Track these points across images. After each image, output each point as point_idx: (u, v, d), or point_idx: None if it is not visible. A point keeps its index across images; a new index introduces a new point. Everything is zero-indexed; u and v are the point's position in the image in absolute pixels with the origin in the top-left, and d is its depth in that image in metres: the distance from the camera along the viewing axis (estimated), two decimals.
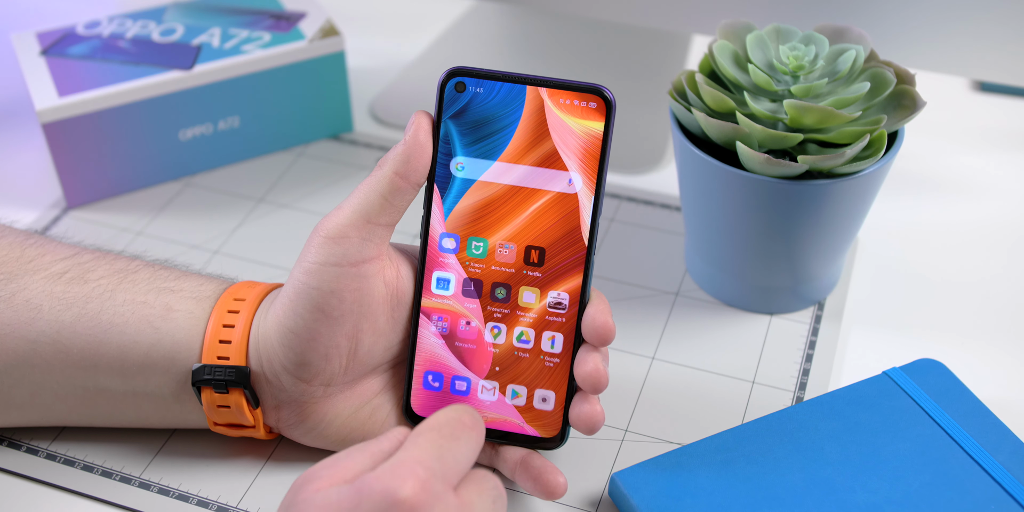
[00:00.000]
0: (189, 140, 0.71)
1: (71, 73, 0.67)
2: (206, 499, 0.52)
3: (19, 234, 0.54)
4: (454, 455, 0.42)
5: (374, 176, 0.49)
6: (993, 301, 0.64)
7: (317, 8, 0.73)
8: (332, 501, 0.40)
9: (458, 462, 0.42)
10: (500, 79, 0.49)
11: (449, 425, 0.43)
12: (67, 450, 0.54)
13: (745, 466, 0.51)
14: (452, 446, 0.43)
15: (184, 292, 0.52)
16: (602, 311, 0.49)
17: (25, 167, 0.74)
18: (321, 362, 0.49)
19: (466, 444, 0.43)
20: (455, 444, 0.43)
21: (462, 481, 0.43)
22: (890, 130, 0.56)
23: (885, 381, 0.55)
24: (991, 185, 0.72)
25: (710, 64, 0.58)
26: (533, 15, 0.87)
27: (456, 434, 0.43)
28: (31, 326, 0.50)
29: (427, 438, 0.42)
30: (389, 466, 0.41)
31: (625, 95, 0.78)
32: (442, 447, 0.42)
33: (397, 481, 0.40)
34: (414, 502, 0.39)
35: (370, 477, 0.40)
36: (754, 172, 0.54)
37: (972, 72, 0.67)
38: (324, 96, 0.73)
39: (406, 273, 0.51)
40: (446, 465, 0.42)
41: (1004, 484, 0.50)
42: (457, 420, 0.44)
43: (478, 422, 0.45)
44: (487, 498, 0.43)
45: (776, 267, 0.59)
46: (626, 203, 0.70)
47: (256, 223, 0.69)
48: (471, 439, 0.44)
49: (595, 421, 0.49)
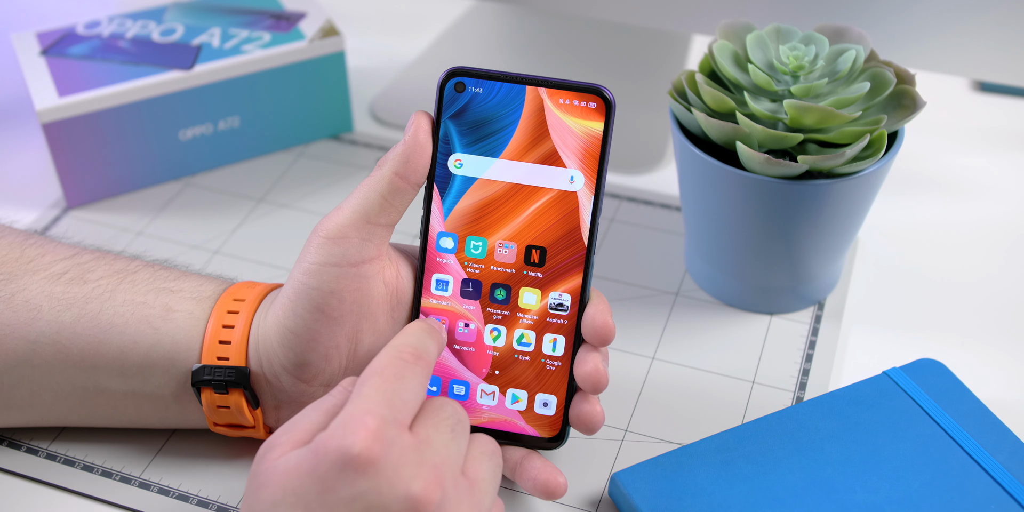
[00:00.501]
0: (189, 140, 0.71)
1: (71, 73, 0.67)
2: (206, 499, 0.52)
3: (19, 234, 0.54)
4: (400, 396, 0.42)
5: (374, 176, 0.49)
6: (993, 301, 0.64)
7: (317, 8, 0.73)
8: (292, 466, 0.41)
9: (406, 401, 0.43)
10: (500, 79, 0.49)
11: (392, 365, 0.43)
12: (67, 450, 0.54)
13: (745, 466, 0.51)
14: (397, 387, 0.43)
15: (184, 292, 0.52)
16: (602, 311, 0.49)
17: (25, 167, 0.74)
18: (321, 362, 0.49)
19: (412, 380, 0.43)
20: (400, 384, 0.43)
21: (416, 418, 0.43)
22: (890, 130, 0.56)
23: (885, 381, 0.55)
24: (991, 185, 0.72)
25: (710, 64, 0.58)
26: (533, 15, 0.87)
27: (400, 373, 0.43)
28: (31, 326, 0.50)
29: (371, 385, 0.42)
30: (339, 422, 0.41)
31: (625, 95, 0.78)
32: (387, 390, 0.42)
33: (349, 437, 0.40)
34: (368, 454, 0.40)
35: (323, 436, 0.41)
36: (754, 172, 0.54)
37: (972, 72, 0.67)
38: (324, 96, 0.73)
39: (406, 273, 0.51)
40: (395, 408, 0.42)
41: (1004, 484, 0.50)
42: (398, 359, 0.44)
43: (420, 354, 0.44)
44: (444, 428, 0.43)
45: (776, 267, 0.59)
46: (626, 203, 0.70)
47: (256, 223, 0.69)
48: (417, 373, 0.44)
49: (595, 421, 0.49)
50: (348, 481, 0.40)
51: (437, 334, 0.48)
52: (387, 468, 0.40)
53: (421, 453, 0.42)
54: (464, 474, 0.44)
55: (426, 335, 0.47)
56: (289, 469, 0.41)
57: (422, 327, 0.47)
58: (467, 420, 0.45)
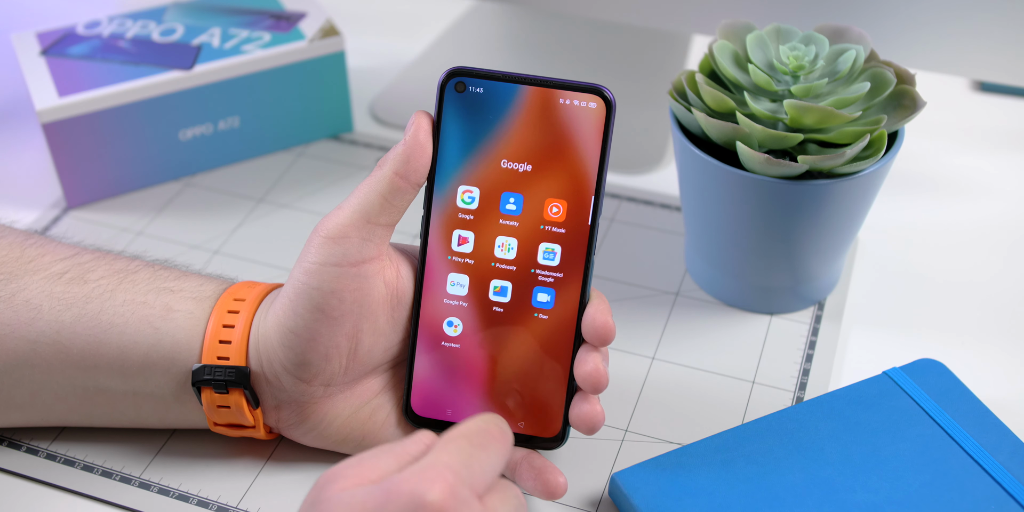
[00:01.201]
0: (189, 140, 0.71)
1: (71, 73, 0.67)
2: (206, 499, 0.52)
3: (19, 234, 0.54)
4: (482, 464, 0.42)
5: (374, 176, 0.49)
6: (993, 301, 0.64)
7: (317, 8, 0.73)
8: (358, 500, 0.40)
9: (485, 472, 0.42)
10: (500, 79, 0.49)
11: (480, 434, 0.43)
12: (67, 450, 0.54)
13: (745, 466, 0.51)
14: (481, 455, 0.42)
15: (184, 292, 0.52)
16: (602, 311, 0.49)
17: (25, 167, 0.74)
18: (321, 362, 0.49)
19: (495, 454, 0.43)
20: (484, 453, 0.42)
21: (486, 490, 0.43)
22: (890, 130, 0.56)
23: (885, 381, 0.55)
24: (991, 185, 0.72)
25: (710, 64, 0.58)
26: (533, 15, 0.87)
27: (485, 444, 0.43)
28: (31, 326, 0.50)
29: (457, 445, 0.42)
30: (418, 468, 0.40)
31: (625, 95, 0.78)
32: (471, 455, 0.42)
33: (426, 484, 0.39)
34: (441, 506, 0.39)
35: (398, 478, 0.40)
36: (754, 172, 0.54)
37: (972, 72, 0.67)
38: (324, 96, 0.73)
39: (406, 273, 0.51)
40: (473, 473, 0.41)
41: (1004, 484, 0.50)
42: (486, 430, 0.43)
43: (506, 433, 0.44)
44: (510, 507, 0.43)
45: (776, 267, 0.59)
46: (626, 203, 0.70)
47: (256, 223, 0.69)
48: (499, 450, 0.43)
49: (595, 421, 0.49)
50: None
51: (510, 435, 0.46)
52: None
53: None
54: None
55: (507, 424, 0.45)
56: (355, 503, 0.40)
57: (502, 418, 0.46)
58: (527, 507, 0.44)
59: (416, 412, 0.52)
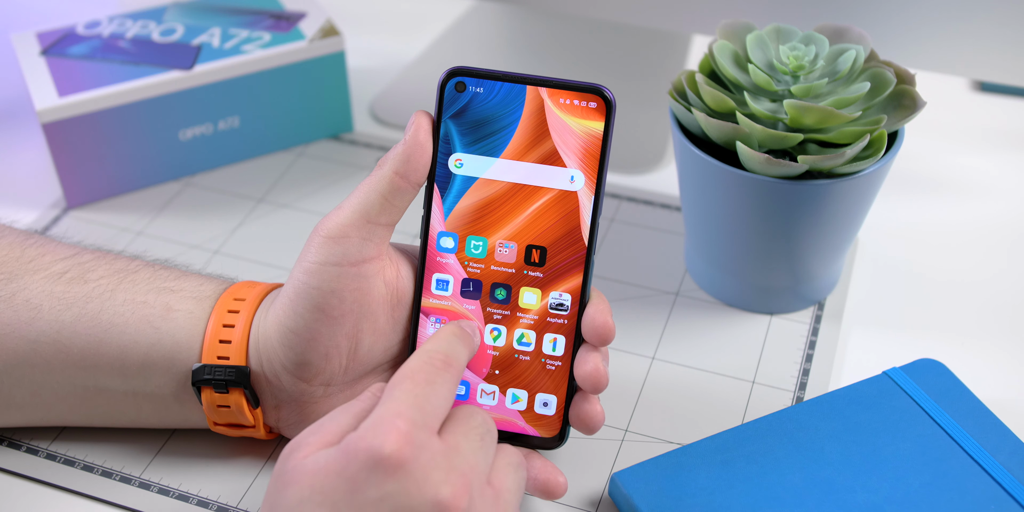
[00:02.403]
0: (189, 140, 0.71)
1: (71, 73, 0.67)
2: (206, 499, 0.52)
3: (19, 234, 0.54)
4: (431, 401, 0.43)
5: (374, 176, 0.49)
6: (993, 301, 0.64)
7: (317, 8, 0.73)
8: (320, 465, 0.41)
9: (436, 407, 0.43)
10: (500, 79, 0.49)
11: (423, 370, 0.44)
12: (67, 450, 0.54)
13: (745, 466, 0.51)
14: (428, 392, 0.43)
15: (184, 292, 0.52)
16: (602, 311, 0.49)
17: (25, 167, 0.74)
18: (321, 362, 0.49)
19: (443, 386, 0.43)
20: (431, 389, 0.43)
21: (445, 424, 0.44)
22: (890, 130, 0.56)
23: (885, 381, 0.55)
24: (991, 185, 0.72)
25: (710, 64, 0.58)
26: (533, 15, 0.87)
27: (431, 378, 0.43)
28: (31, 326, 0.50)
29: (402, 389, 0.43)
30: (370, 423, 0.41)
31: (625, 95, 0.78)
32: (418, 395, 0.42)
33: (379, 438, 0.40)
34: (399, 456, 0.40)
35: (353, 437, 0.41)
36: (754, 172, 0.54)
37: (972, 72, 0.67)
38: (324, 96, 0.73)
39: (406, 273, 0.51)
40: (425, 412, 0.42)
41: (1004, 484, 0.50)
42: (428, 364, 0.44)
43: (451, 360, 0.45)
44: (474, 437, 0.43)
45: (776, 267, 0.59)
46: (626, 203, 0.70)
47: (256, 223, 0.69)
48: (447, 380, 0.44)
49: (595, 421, 0.49)
50: (377, 482, 0.40)
51: (469, 339, 0.48)
52: (416, 471, 0.40)
53: (450, 459, 0.42)
54: (490, 483, 0.43)
55: (457, 340, 0.47)
56: (318, 468, 0.41)
57: (453, 332, 0.47)
58: (495, 430, 0.45)
59: None
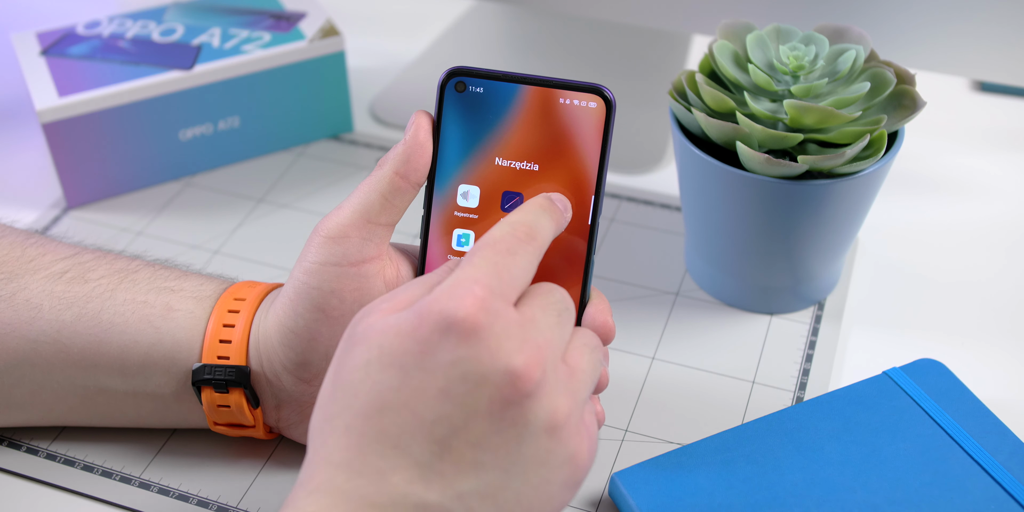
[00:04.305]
0: (189, 140, 0.71)
1: (71, 73, 0.67)
2: (206, 499, 0.52)
3: (19, 234, 0.54)
4: (510, 271, 0.41)
5: (374, 176, 0.49)
6: (993, 301, 0.64)
7: (317, 8, 0.73)
8: (391, 326, 0.39)
9: (515, 277, 0.41)
10: (500, 79, 0.49)
11: (504, 240, 0.42)
12: (67, 450, 0.54)
13: (745, 466, 0.51)
14: (508, 261, 0.41)
15: (184, 292, 0.52)
16: (602, 310, 0.49)
17: (25, 167, 0.74)
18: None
19: (524, 258, 0.42)
20: (511, 259, 0.41)
21: (524, 296, 0.42)
22: (890, 130, 0.56)
23: (885, 381, 0.55)
24: (991, 185, 0.72)
25: (710, 64, 0.58)
26: (533, 15, 0.87)
27: (512, 249, 0.42)
28: (31, 325, 0.50)
29: (482, 256, 0.41)
30: (446, 287, 0.40)
31: (625, 95, 0.78)
32: (497, 263, 0.41)
33: (454, 301, 0.39)
34: (473, 321, 0.39)
35: (428, 299, 0.39)
36: (754, 172, 0.54)
37: (972, 72, 0.67)
38: (324, 96, 0.73)
39: (406, 273, 0.51)
40: (503, 281, 0.40)
41: (1004, 484, 0.50)
42: (511, 234, 0.42)
43: (534, 233, 0.43)
44: (551, 312, 0.42)
45: (776, 267, 0.59)
46: (626, 203, 0.70)
47: (256, 223, 0.69)
48: (529, 252, 0.42)
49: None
50: (449, 346, 0.38)
51: (559, 213, 0.45)
52: (490, 338, 0.39)
53: (525, 330, 0.40)
54: (565, 361, 0.42)
55: (544, 213, 0.44)
56: (388, 328, 0.39)
57: (541, 204, 0.45)
58: (573, 309, 0.44)
59: None
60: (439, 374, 0.39)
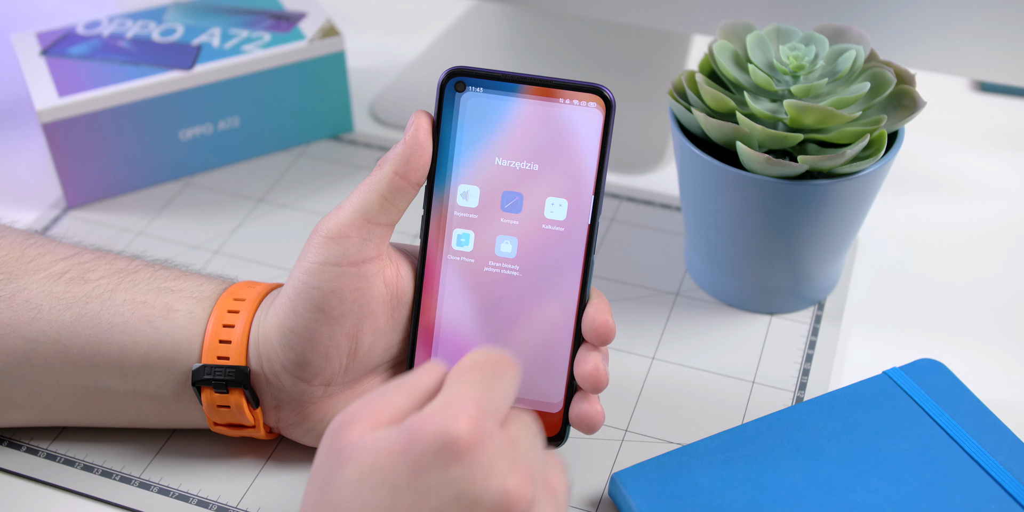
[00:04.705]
0: (189, 140, 0.71)
1: (71, 73, 0.67)
2: (206, 499, 0.52)
3: (19, 234, 0.54)
4: (499, 393, 0.41)
5: (374, 176, 0.49)
6: (993, 301, 0.64)
7: (317, 8, 0.73)
8: (382, 445, 0.39)
9: (503, 400, 0.41)
10: (500, 79, 0.49)
11: (491, 362, 0.42)
12: (67, 450, 0.54)
13: (745, 466, 0.51)
14: (496, 384, 0.41)
15: (184, 292, 0.52)
16: (602, 310, 0.49)
17: (25, 167, 0.74)
18: (321, 362, 0.49)
19: (509, 381, 0.42)
20: (499, 381, 0.41)
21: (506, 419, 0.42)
22: (890, 130, 0.56)
23: (885, 381, 0.55)
24: (991, 185, 0.72)
25: (710, 64, 0.58)
26: (533, 15, 0.87)
27: (499, 371, 0.42)
28: (31, 326, 0.50)
29: (473, 375, 0.41)
30: (438, 405, 0.39)
31: (625, 95, 0.78)
32: (487, 384, 0.41)
33: (449, 419, 0.38)
34: (468, 440, 0.38)
35: (420, 418, 0.39)
36: (754, 172, 0.54)
37: (972, 72, 0.67)
38: (324, 96, 0.73)
39: (406, 273, 0.51)
40: (493, 402, 0.40)
41: (1004, 484, 0.50)
42: (497, 358, 0.42)
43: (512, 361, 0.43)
44: (529, 433, 0.42)
45: (776, 267, 0.59)
46: (626, 203, 0.70)
47: (256, 223, 0.69)
48: (513, 376, 0.42)
49: (595, 421, 0.49)
50: (442, 466, 0.38)
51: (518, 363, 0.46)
52: (484, 458, 0.39)
53: (514, 451, 0.40)
54: (546, 482, 0.42)
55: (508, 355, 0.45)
56: (379, 448, 0.39)
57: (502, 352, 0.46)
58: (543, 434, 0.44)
59: None
60: (432, 495, 0.38)
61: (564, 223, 0.50)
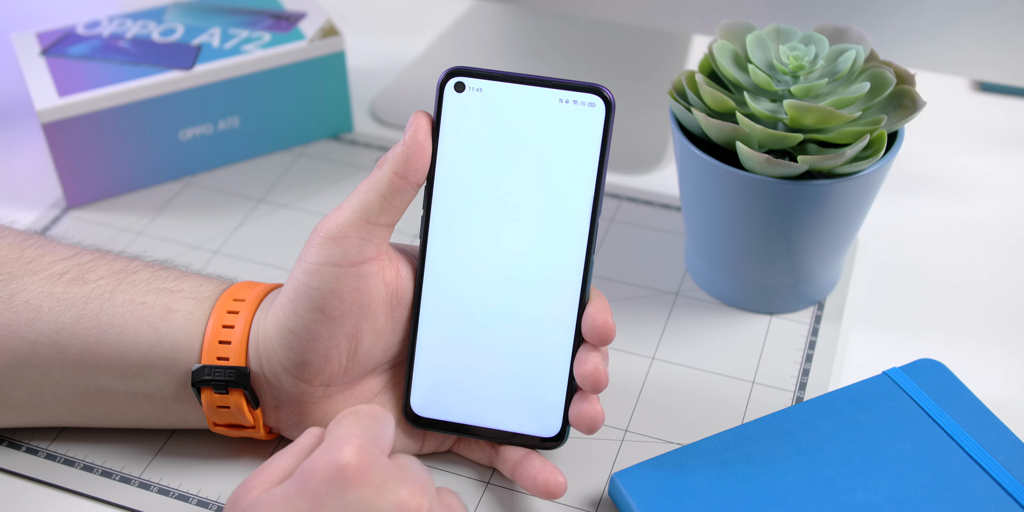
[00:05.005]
0: (189, 140, 0.71)
1: (71, 73, 0.67)
2: (206, 499, 0.52)
3: (19, 234, 0.54)
4: (376, 430, 0.44)
5: (374, 176, 0.49)
6: (993, 301, 0.64)
7: (317, 8, 0.73)
8: (279, 494, 0.41)
9: (383, 435, 0.44)
10: (500, 79, 0.49)
11: (364, 410, 0.45)
12: (67, 450, 0.54)
13: (745, 466, 0.51)
14: (373, 423, 0.44)
15: (184, 293, 0.52)
16: (602, 310, 0.49)
17: (25, 167, 0.74)
18: (321, 362, 0.49)
19: (386, 424, 0.45)
20: (376, 422, 0.44)
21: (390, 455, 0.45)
22: (890, 130, 0.56)
23: (885, 381, 0.55)
24: (991, 185, 0.72)
25: (710, 64, 0.58)
26: (533, 15, 0.87)
27: (375, 415, 0.45)
28: (31, 327, 0.50)
29: (349, 419, 0.44)
30: (324, 445, 0.42)
31: (625, 95, 0.78)
32: (365, 423, 0.44)
33: (336, 451, 0.41)
34: (357, 464, 0.41)
35: (310, 459, 0.42)
36: (754, 172, 0.54)
37: (972, 72, 0.67)
38: (324, 96, 0.73)
39: (406, 273, 0.51)
40: (374, 436, 0.43)
41: (1004, 484, 0.50)
42: (371, 408, 0.45)
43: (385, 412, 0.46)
44: (417, 462, 0.45)
45: (776, 267, 0.59)
46: (626, 203, 0.70)
47: (256, 223, 0.69)
48: (389, 421, 0.45)
49: (595, 421, 0.49)
50: (339, 493, 0.41)
51: None
52: (375, 478, 0.41)
53: (403, 471, 0.43)
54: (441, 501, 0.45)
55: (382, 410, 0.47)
56: (275, 497, 0.42)
57: None
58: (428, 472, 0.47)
59: (415, 412, 0.52)
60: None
61: (564, 223, 0.50)
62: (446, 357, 0.51)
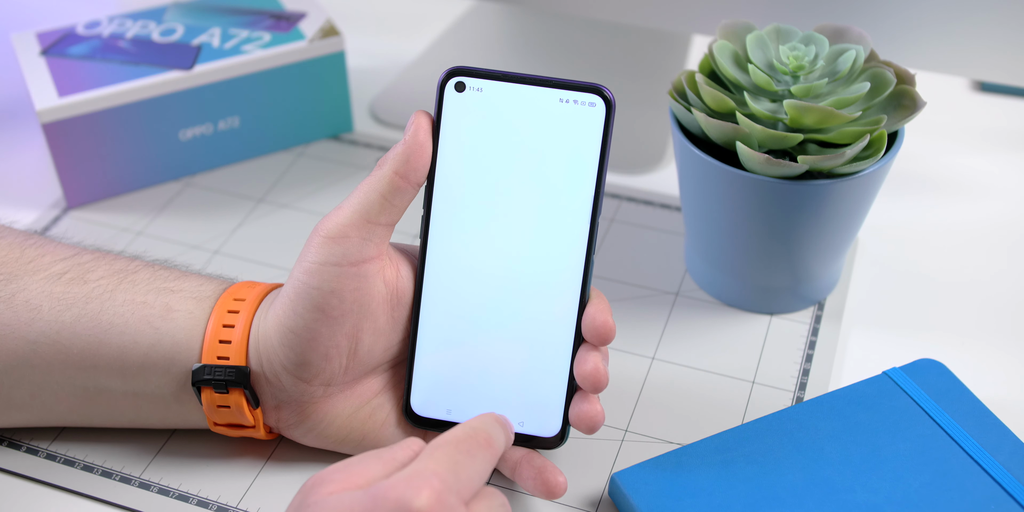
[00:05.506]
0: (189, 140, 0.71)
1: (71, 73, 0.67)
2: (206, 499, 0.52)
3: (19, 234, 0.54)
4: (468, 471, 0.42)
5: (374, 176, 0.49)
6: (993, 301, 0.64)
7: (317, 8, 0.73)
8: (345, 505, 0.40)
9: (471, 479, 0.42)
10: (500, 79, 0.49)
11: (467, 440, 0.43)
12: (67, 450, 0.54)
13: (745, 466, 0.51)
14: (467, 462, 0.42)
15: (184, 292, 0.52)
16: (602, 310, 0.49)
17: (25, 167, 0.74)
18: (321, 362, 0.49)
19: (481, 460, 0.43)
20: (470, 460, 0.43)
21: (473, 499, 0.43)
22: (890, 130, 0.56)
23: (885, 381, 0.55)
24: (991, 185, 0.72)
25: (710, 64, 0.58)
26: (533, 15, 0.87)
27: (472, 450, 0.43)
28: (31, 327, 0.50)
29: (444, 452, 0.42)
30: (405, 475, 0.41)
31: (625, 95, 0.78)
32: (458, 462, 0.42)
33: (412, 491, 0.40)
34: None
35: (385, 484, 0.40)
36: (754, 172, 0.54)
37: (972, 72, 0.67)
38: (324, 96, 0.73)
39: (406, 273, 0.51)
40: (460, 479, 0.42)
41: (1004, 484, 0.50)
42: (474, 437, 0.44)
43: (494, 439, 0.44)
44: None
45: (776, 267, 0.59)
46: (626, 203, 0.70)
47: (256, 223, 0.69)
48: (487, 457, 0.44)
49: (595, 421, 0.49)
50: None
51: (509, 433, 0.47)
52: None
53: None
54: None
55: (499, 428, 0.46)
56: (342, 508, 0.40)
57: (496, 419, 0.47)
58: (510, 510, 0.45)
59: (416, 412, 0.52)
60: None
61: (564, 223, 0.50)
62: (446, 356, 0.51)
